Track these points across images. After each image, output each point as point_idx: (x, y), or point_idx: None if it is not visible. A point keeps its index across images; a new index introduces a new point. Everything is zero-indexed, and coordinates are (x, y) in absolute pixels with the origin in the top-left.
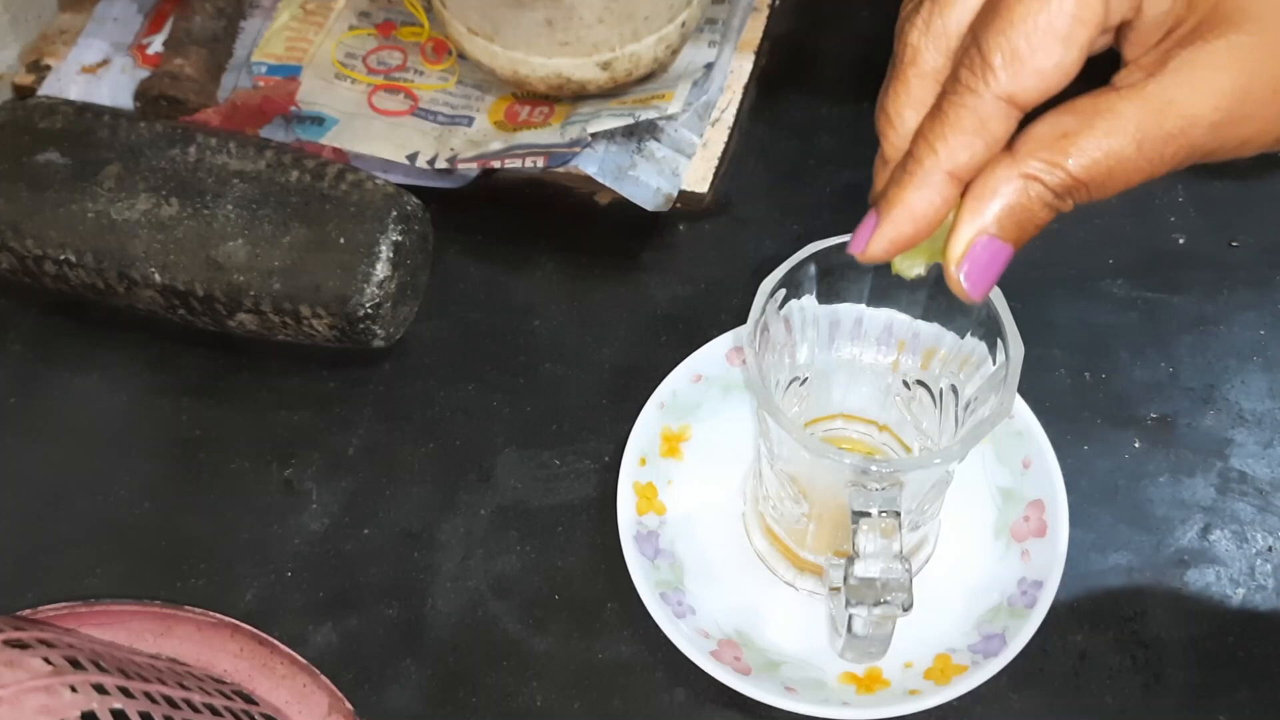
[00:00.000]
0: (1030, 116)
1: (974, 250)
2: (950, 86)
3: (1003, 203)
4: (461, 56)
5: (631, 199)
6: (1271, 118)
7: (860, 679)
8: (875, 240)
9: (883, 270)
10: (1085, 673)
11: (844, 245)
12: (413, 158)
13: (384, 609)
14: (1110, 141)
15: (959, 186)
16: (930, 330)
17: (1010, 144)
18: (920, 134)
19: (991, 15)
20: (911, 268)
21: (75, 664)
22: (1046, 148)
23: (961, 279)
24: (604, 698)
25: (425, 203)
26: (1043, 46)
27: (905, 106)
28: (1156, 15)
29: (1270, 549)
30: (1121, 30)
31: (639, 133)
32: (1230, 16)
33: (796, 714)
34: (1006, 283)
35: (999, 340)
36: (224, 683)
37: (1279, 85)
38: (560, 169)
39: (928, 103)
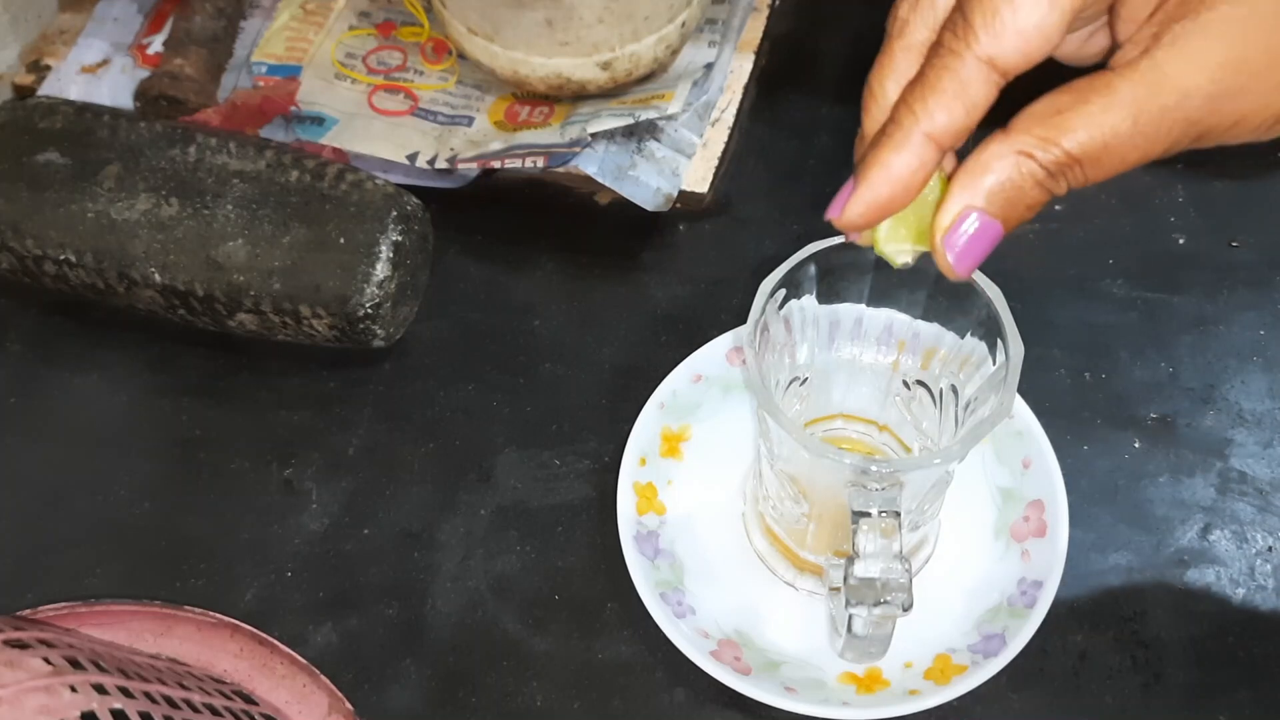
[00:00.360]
0: (1025, 101)
1: (961, 224)
2: (933, 51)
3: (995, 178)
4: (461, 56)
5: (631, 199)
6: (1266, 90)
7: (860, 679)
8: (853, 204)
9: (883, 270)
10: (1085, 673)
11: (844, 245)
12: (413, 158)
13: (384, 609)
14: (1106, 117)
15: (938, 151)
16: (930, 330)
17: (1006, 123)
18: (901, 98)
19: None
20: (899, 253)
21: (75, 664)
22: (1041, 124)
23: (947, 252)
24: (604, 698)
25: (425, 203)
26: (1024, 6)
27: (889, 79)
28: None
29: (1270, 549)
30: (1112, 10)
31: (639, 133)
32: None
33: (796, 714)
34: (1006, 283)
35: (999, 340)
36: (224, 683)
37: (1272, 57)
38: (560, 169)
39: (911, 75)
